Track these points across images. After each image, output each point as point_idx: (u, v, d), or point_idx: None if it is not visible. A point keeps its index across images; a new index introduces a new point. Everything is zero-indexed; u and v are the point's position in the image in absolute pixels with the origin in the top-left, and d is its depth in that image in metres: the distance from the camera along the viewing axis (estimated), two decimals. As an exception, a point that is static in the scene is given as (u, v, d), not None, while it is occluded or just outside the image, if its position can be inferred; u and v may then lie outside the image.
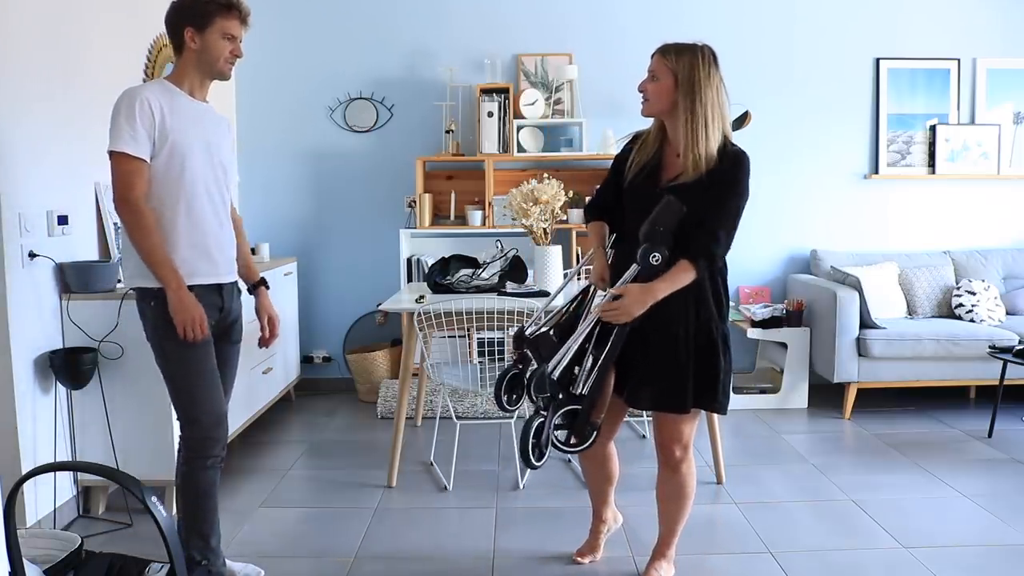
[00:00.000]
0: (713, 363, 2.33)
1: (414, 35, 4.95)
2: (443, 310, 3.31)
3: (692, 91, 2.24)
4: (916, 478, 3.49)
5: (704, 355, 2.33)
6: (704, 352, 2.32)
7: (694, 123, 2.23)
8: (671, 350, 2.31)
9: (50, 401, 2.99)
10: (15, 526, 1.76)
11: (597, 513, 2.74)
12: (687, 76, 2.24)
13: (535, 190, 3.62)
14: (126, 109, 2.25)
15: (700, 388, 2.33)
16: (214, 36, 2.33)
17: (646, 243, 2.22)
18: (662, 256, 2.21)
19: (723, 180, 2.26)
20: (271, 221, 5.03)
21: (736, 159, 2.28)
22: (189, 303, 2.28)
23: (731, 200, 2.28)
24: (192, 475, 2.41)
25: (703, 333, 2.32)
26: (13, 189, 2.79)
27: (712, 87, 2.25)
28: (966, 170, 4.99)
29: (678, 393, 2.32)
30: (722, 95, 2.28)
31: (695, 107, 2.23)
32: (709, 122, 2.24)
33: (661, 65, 2.28)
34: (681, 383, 2.32)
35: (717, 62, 2.30)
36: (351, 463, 3.76)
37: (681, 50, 2.28)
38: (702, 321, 2.32)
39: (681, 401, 2.33)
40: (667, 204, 2.21)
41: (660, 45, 2.32)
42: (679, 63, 2.26)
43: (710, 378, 2.33)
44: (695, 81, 2.24)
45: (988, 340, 4.24)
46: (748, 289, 5.05)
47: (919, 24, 4.96)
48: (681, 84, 2.25)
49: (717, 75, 2.28)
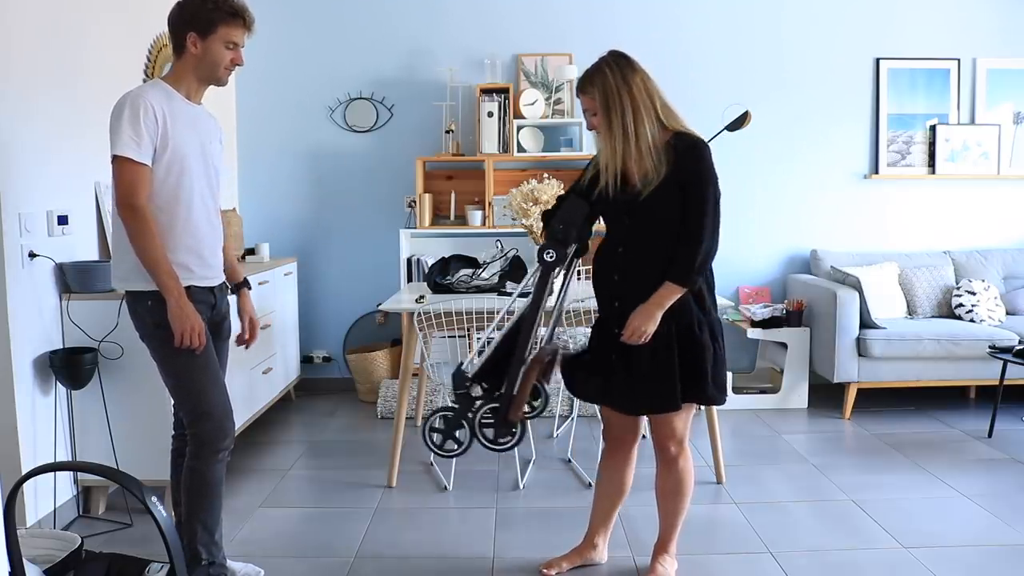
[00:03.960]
0: (698, 356, 2.33)
1: (414, 35, 4.95)
2: (443, 310, 3.31)
3: (608, 106, 2.28)
4: (916, 478, 3.49)
5: (688, 350, 2.33)
6: (688, 347, 2.33)
7: (612, 135, 2.28)
8: (651, 351, 2.33)
9: (50, 401, 2.99)
10: (15, 526, 1.75)
11: (591, 533, 2.70)
12: (602, 94, 2.29)
13: (535, 190, 3.62)
14: (130, 113, 2.22)
15: (688, 383, 2.34)
16: (216, 43, 2.31)
17: (546, 240, 2.37)
18: (557, 253, 2.34)
19: (691, 181, 2.27)
20: (271, 221, 5.03)
21: (695, 153, 2.28)
22: (189, 312, 2.28)
23: (707, 202, 2.29)
24: (203, 470, 2.41)
25: (684, 329, 2.33)
26: (13, 189, 2.79)
27: (628, 90, 2.27)
28: (966, 170, 4.99)
29: (665, 392, 2.34)
30: (647, 91, 2.30)
31: (611, 118, 2.28)
32: (628, 127, 2.26)
33: (587, 101, 2.35)
34: (667, 382, 2.33)
35: (630, 63, 2.32)
36: (351, 463, 3.77)
37: (591, 76, 2.33)
38: (682, 318, 2.33)
39: (670, 400, 2.35)
40: (572, 204, 2.37)
41: (577, 84, 2.39)
42: (595, 88, 2.31)
43: (697, 372, 2.34)
44: (608, 95, 2.28)
45: (988, 340, 4.24)
46: (748, 289, 5.05)
47: (919, 24, 4.96)
48: (599, 105, 2.30)
49: (635, 75, 2.30)
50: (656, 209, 2.28)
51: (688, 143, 2.28)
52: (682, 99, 5.31)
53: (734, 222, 4.99)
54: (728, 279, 5.02)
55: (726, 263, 5.00)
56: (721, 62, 4.91)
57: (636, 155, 2.27)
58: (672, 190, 2.26)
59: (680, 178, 2.26)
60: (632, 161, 2.28)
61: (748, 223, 5.04)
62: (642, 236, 2.33)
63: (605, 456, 2.63)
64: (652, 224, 2.31)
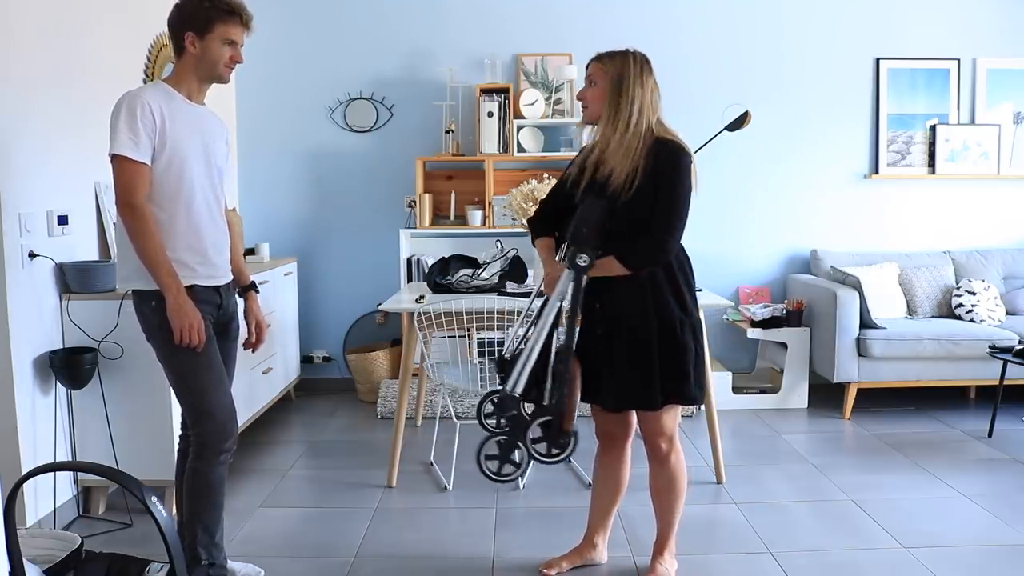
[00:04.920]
0: (680, 357, 2.34)
1: (414, 35, 4.95)
2: (443, 310, 3.31)
3: (619, 89, 2.32)
4: (916, 478, 3.49)
5: (670, 350, 2.34)
6: (670, 347, 2.34)
7: (615, 118, 2.31)
8: (631, 350, 2.34)
9: (50, 401, 2.99)
10: (15, 526, 1.76)
11: (590, 533, 2.71)
12: (617, 74, 2.32)
13: (535, 190, 3.62)
14: (127, 112, 2.24)
15: (670, 383, 2.35)
16: (214, 41, 2.32)
17: (572, 245, 2.28)
18: (590, 257, 2.27)
19: (665, 183, 2.28)
20: (271, 221, 5.03)
21: (673, 158, 2.30)
22: (188, 309, 2.28)
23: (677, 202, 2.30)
24: (205, 471, 2.41)
25: (665, 329, 2.34)
26: (13, 189, 2.79)
27: (642, 86, 2.32)
28: (966, 170, 4.99)
29: (645, 392, 2.35)
30: (653, 97, 2.35)
31: (620, 103, 2.31)
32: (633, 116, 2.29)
33: (599, 70, 2.37)
34: (647, 381, 2.34)
35: (651, 67, 2.37)
36: (351, 463, 3.77)
37: (614, 55, 2.38)
38: (663, 317, 2.34)
39: (650, 399, 2.36)
40: (590, 204, 2.29)
41: (595, 56, 2.41)
42: (613, 66, 2.34)
43: (679, 372, 2.35)
44: (624, 78, 2.32)
45: (988, 340, 4.24)
46: (748, 289, 5.05)
47: (919, 24, 4.96)
48: (612, 83, 2.33)
49: (651, 79, 2.36)
50: (635, 211, 2.28)
51: (669, 148, 2.31)
52: (682, 99, 5.36)
53: (734, 222, 5.03)
54: (728, 279, 5.03)
55: (726, 263, 5.01)
56: (721, 62, 4.92)
57: (619, 148, 2.29)
58: (649, 192, 2.28)
59: (656, 181, 2.28)
60: (614, 155, 2.29)
61: (748, 223, 5.04)
62: (621, 238, 2.31)
63: (599, 454, 2.64)
64: (630, 227, 2.30)
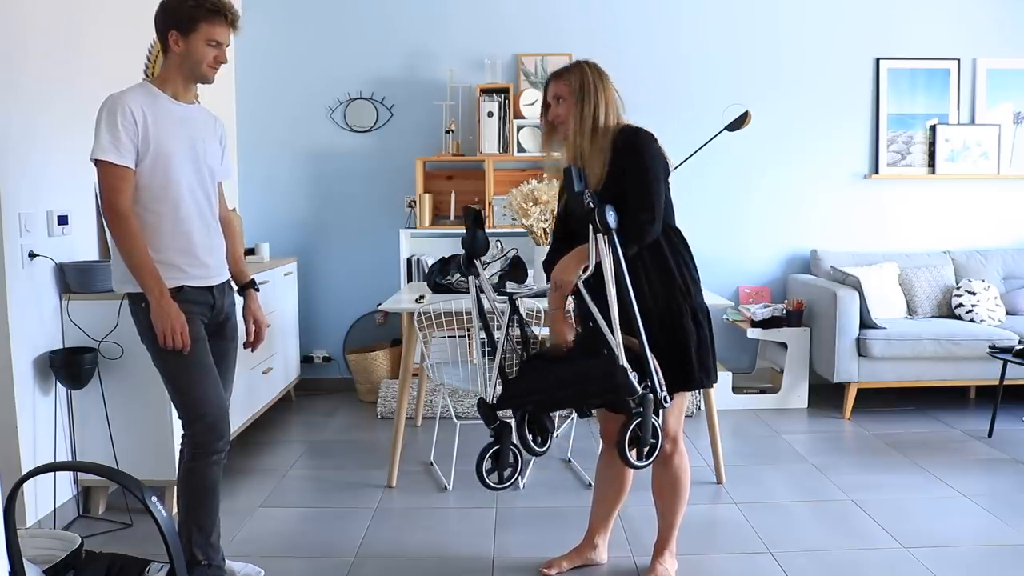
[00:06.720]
0: (682, 340, 2.33)
1: (414, 35, 4.95)
2: (443, 310, 3.31)
3: (585, 96, 2.38)
4: (916, 478, 3.49)
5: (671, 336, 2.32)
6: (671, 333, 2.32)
7: (581, 125, 2.36)
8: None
9: (50, 401, 2.99)
10: (15, 526, 1.76)
11: (591, 533, 2.70)
12: (579, 84, 2.39)
13: (535, 190, 3.61)
14: (107, 117, 2.25)
15: (673, 369, 2.31)
16: (198, 41, 2.31)
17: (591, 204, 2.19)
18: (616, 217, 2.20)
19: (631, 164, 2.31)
20: (271, 221, 5.03)
21: (631, 139, 2.34)
22: (171, 312, 2.28)
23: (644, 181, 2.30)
24: (197, 472, 2.42)
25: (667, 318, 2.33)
26: (13, 189, 2.79)
27: (604, 89, 2.40)
28: (966, 170, 4.99)
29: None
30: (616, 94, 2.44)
31: (587, 108, 2.37)
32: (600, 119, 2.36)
33: (562, 86, 2.43)
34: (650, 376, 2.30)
35: (603, 71, 2.45)
36: (351, 463, 3.77)
37: (570, 68, 2.44)
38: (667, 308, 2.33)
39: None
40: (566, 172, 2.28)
41: (551, 73, 2.49)
42: (573, 77, 2.41)
43: (682, 357, 2.33)
44: (586, 85, 2.39)
45: (988, 340, 4.24)
46: (748, 289, 5.05)
47: (919, 24, 4.96)
48: (576, 93, 2.39)
49: (608, 79, 2.44)
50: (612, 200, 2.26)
51: (626, 133, 2.36)
52: (682, 99, 5.35)
53: (734, 222, 5.03)
54: (728, 279, 5.03)
55: (726, 263, 5.01)
56: (721, 62, 4.92)
57: (594, 152, 2.33)
58: (618, 178, 2.31)
59: (622, 164, 2.31)
60: (592, 159, 2.33)
61: (748, 223, 5.04)
62: None
63: (603, 454, 2.64)
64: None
